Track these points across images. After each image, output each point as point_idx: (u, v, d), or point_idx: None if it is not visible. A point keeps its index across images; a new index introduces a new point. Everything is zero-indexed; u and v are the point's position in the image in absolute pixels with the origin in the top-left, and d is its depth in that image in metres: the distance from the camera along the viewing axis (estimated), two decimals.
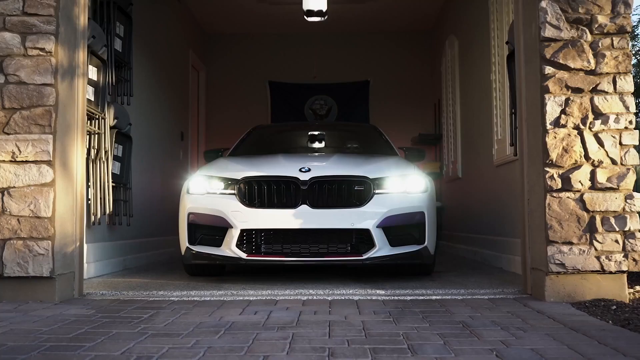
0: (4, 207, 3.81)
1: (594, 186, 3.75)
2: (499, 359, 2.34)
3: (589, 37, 3.82)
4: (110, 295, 4.12)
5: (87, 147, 5.00)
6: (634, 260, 3.72)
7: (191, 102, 9.30)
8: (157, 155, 7.06)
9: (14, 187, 3.82)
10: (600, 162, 3.76)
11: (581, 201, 3.75)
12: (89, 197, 5.08)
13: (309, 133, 6.56)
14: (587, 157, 3.77)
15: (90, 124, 4.94)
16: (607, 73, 3.80)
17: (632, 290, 3.98)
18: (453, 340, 2.67)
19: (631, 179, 3.76)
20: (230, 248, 4.53)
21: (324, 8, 7.62)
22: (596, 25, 3.81)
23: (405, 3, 8.69)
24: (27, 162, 3.83)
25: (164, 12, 7.52)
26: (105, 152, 5.09)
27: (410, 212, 4.63)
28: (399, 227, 4.61)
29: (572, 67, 3.80)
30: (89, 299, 3.98)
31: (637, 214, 3.77)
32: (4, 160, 3.83)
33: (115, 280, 4.96)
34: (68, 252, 3.96)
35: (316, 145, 6.37)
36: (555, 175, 3.77)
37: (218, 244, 4.58)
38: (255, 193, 4.55)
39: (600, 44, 3.81)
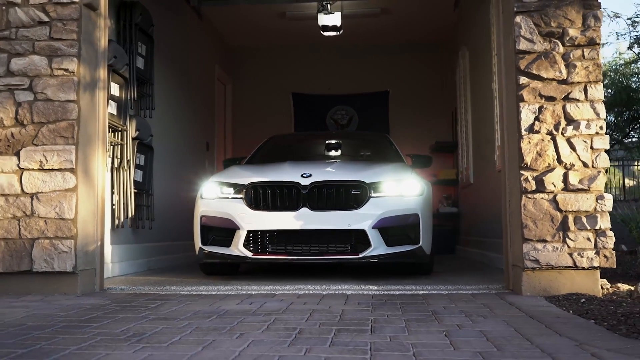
0: (33, 210, 4.30)
1: (567, 188, 4.02)
2: (446, 337, 2.66)
3: (561, 49, 4.11)
4: (128, 290, 4.56)
5: (111, 156, 5.50)
6: (605, 257, 3.97)
7: (218, 114, 9.80)
8: (181, 164, 7.52)
9: (42, 192, 4.31)
10: (572, 165, 4.03)
11: (554, 202, 4.02)
12: (114, 202, 5.57)
13: (326, 142, 6.95)
14: (559, 160, 4.05)
15: (114, 136, 5.42)
16: (578, 82, 4.07)
17: (609, 286, 4.21)
18: (414, 324, 3.00)
19: (601, 180, 4.02)
20: (237, 248, 4.92)
21: (339, 23, 8.04)
22: (567, 38, 4.10)
23: (418, 16, 9.01)
24: (52, 170, 4.31)
25: (189, 30, 8.02)
26: (128, 161, 5.57)
27: (404, 214, 4.93)
28: (395, 228, 4.93)
29: (545, 77, 4.09)
30: (108, 293, 4.43)
31: (608, 214, 4.02)
32: (33, 169, 4.32)
33: (136, 278, 5.41)
34: (89, 251, 4.42)
35: (329, 153, 6.74)
36: (530, 178, 4.06)
37: (227, 244, 4.98)
38: (260, 197, 4.93)
39: (571, 55, 4.09)
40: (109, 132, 5.36)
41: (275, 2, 7.63)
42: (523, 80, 4.12)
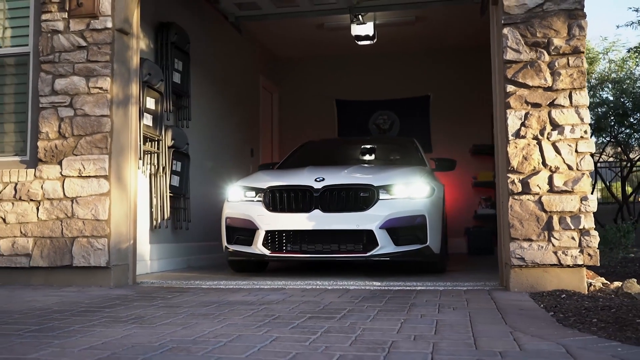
0: (73, 212, 4.90)
1: (552, 189, 4.24)
2: (399, 324, 2.98)
3: (547, 58, 4.32)
4: (157, 284, 5.08)
5: (149, 164, 6.07)
6: (589, 255, 4.16)
7: (265, 121, 10.33)
8: (221, 169, 8.05)
9: (80, 196, 4.90)
10: (557, 168, 4.24)
11: (540, 203, 4.24)
12: (152, 205, 6.14)
13: (355, 147, 7.32)
14: (544, 163, 4.26)
15: (150, 145, 5.99)
16: (563, 89, 4.28)
17: (600, 284, 4.38)
18: (382, 313, 3.33)
19: (585, 182, 4.20)
20: (257, 247, 5.35)
21: (371, 33, 8.37)
22: (553, 47, 4.31)
23: (454, 22, 9.20)
24: (89, 176, 4.90)
25: (230, 44, 8.56)
26: (164, 168, 6.13)
27: (411, 215, 5.21)
28: (402, 228, 5.21)
29: (531, 84, 4.32)
30: (138, 286, 4.97)
31: (592, 214, 4.20)
32: (73, 176, 4.93)
33: (172, 274, 5.95)
34: (122, 248, 4.98)
35: (362, 157, 7.08)
36: (516, 180, 4.29)
37: (249, 243, 5.41)
38: (277, 200, 5.35)
39: (556, 64, 4.30)
40: (146, 142, 5.94)
41: (305, 16, 8.03)
42: (510, 88, 4.37)
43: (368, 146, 7.32)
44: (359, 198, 5.24)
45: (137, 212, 5.27)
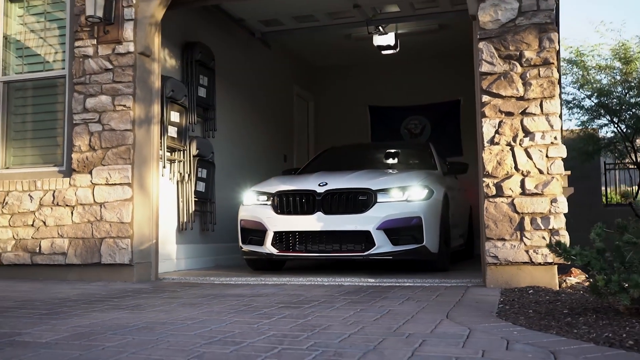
0: (101, 216, 5.54)
1: (524, 192, 4.54)
2: (354, 313, 3.40)
3: (519, 69, 4.63)
4: (176, 280, 5.65)
5: (176, 171, 6.68)
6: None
7: (300, 128, 10.85)
8: (249, 175, 8.59)
9: (108, 201, 5.53)
10: (529, 172, 4.54)
11: (513, 205, 4.55)
12: (180, 209, 6.74)
13: (379, 152, 7.67)
14: (517, 168, 4.57)
15: (176, 155, 6.60)
16: (534, 98, 4.57)
17: (574, 281, 4.64)
18: (350, 304, 3.75)
19: (555, 185, 4.48)
20: (266, 247, 5.80)
21: (392, 43, 8.73)
22: (524, 59, 4.61)
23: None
24: (115, 184, 5.53)
25: (258, 58, 9.12)
26: (189, 175, 6.72)
27: (407, 217, 5.53)
28: (399, 229, 5.54)
29: (504, 94, 4.64)
30: (159, 281, 5.56)
31: (562, 215, 4.47)
32: (101, 183, 5.57)
33: (195, 272, 6.52)
34: (144, 248, 5.58)
35: (375, 163, 7.46)
36: (491, 184, 4.62)
37: (260, 243, 5.87)
38: (284, 203, 5.79)
39: (528, 74, 4.60)
40: (173, 152, 6.55)
41: (326, 30, 8.47)
42: (485, 98, 4.70)
43: (385, 152, 7.67)
44: (358, 201, 5.60)
45: (160, 215, 5.86)
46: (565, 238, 4.42)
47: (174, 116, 6.47)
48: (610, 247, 3.13)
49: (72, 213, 5.63)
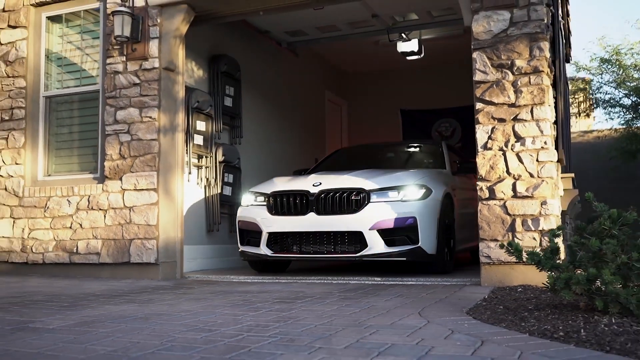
0: (130, 219, 6.03)
1: (515, 195, 4.75)
2: (337, 308, 3.72)
3: (511, 77, 4.84)
4: (199, 278, 6.08)
5: (203, 177, 7.13)
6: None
7: (333, 133, 11.20)
8: None
9: (136, 205, 6.02)
10: (520, 175, 4.74)
11: (505, 207, 4.77)
12: (207, 212, 7.20)
13: (381, 151, 7.65)
14: (508, 172, 4.78)
15: (203, 161, 7.05)
16: (525, 105, 4.78)
17: None
18: (341, 300, 4.06)
19: (544, 188, 4.67)
20: (261, 248, 5.78)
21: (416, 49, 8.98)
22: (515, 68, 4.82)
23: None
24: (142, 189, 6.01)
25: (287, 66, 9.51)
26: (215, 180, 7.17)
27: (401, 217, 5.40)
28: (393, 230, 5.41)
29: (497, 102, 4.86)
30: (182, 279, 6.00)
31: (554, 216, 4.65)
32: (130, 189, 6.06)
33: (220, 270, 6.95)
34: (169, 248, 6.04)
35: (383, 163, 7.22)
36: (484, 188, 4.84)
37: (257, 244, 5.83)
38: (279, 204, 5.74)
39: (519, 82, 4.80)
40: (200, 158, 7.01)
41: (350, 38, 8.77)
42: (479, 105, 4.93)
43: (393, 151, 7.64)
44: (351, 201, 5.51)
45: (188, 217, 6.33)
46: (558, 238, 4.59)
47: (200, 125, 6.92)
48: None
49: (104, 216, 6.14)
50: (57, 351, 2.43)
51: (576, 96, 14.34)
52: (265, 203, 5.87)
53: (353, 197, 5.53)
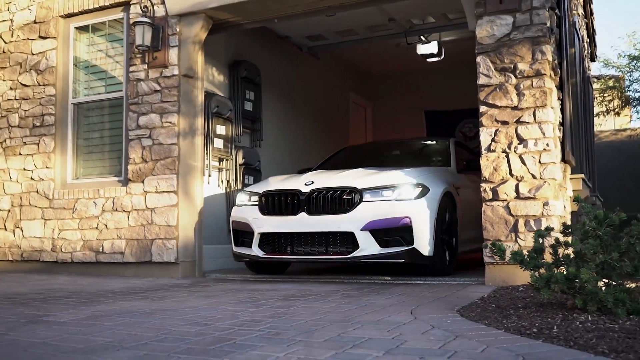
0: (152, 220, 6.30)
1: (518, 196, 4.83)
2: (335, 305, 3.88)
3: (514, 81, 4.92)
4: (218, 277, 6.30)
5: (225, 179, 7.38)
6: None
7: (357, 133, 11.35)
8: None
9: (157, 207, 6.29)
10: (522, 177, 4.83)
11: (508, 208, 4.86)
12: (228, 213, 7.43)
13: (387, 149, 7.51)
14: (511, 174, 4.87)
15: (223, 164, 7.29)
16: (527, 107, 4.85)
17: None
18: (342, 298, 4.22)
19: (546, 189, 4.74)
20: (253, 248, 5.63)
21: (435, 51, 9.06)
22: (518, 71, 4.90)
23: None
24: (163, 192, 6.28)
25: (309, 70, 9.70)
26: (235, 182, 7.40)
27: (395, 217, 5.17)
28: (387, 230, 5.21)
29: (500, 105, 4.95)
30: (201, 277, 6.24)
31: (556, 217, 4.72)
32: (152, 191, 6.33)
33: (240, 269, 7.16)
34: (189, 247, 6.29)
35: (388, 160, 7.08)
36: (488, 189, 4.94)
37: (249, 245, 5.69)
38: (270, 204, 5.59)
39: (522, 85, 4.89)
40: (221, 161, 7.26)
41: (369, 41, 8.91)
42: (483, 108, 5.03)
43: (400, 148, 7.51)
44: (342, 200, 5.33)
45: (209, 218, 6.57)
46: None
47: (220, 129, 7.16)
48: None
49: (128, 217, 6.43)
50: (60, 341, 2.67)
51: (605, 95, 14.16)
52: (257, 203, 5.74)
53: (345, 197, 5.35)
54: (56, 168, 7.01)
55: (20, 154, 7.18)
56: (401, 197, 5.27)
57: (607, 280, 3.22)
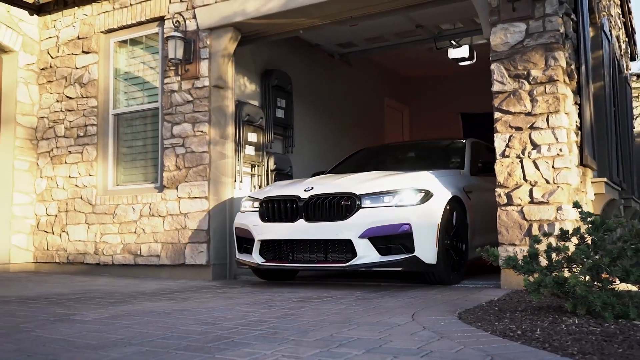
0: (185, 224, 6.62)
1: (532, 201, 4.90)
2: (344, 307, 4.06)
3: (527, 87, 5.00)
4: (248, 279, 6.57)
5: (254, 184, 7.65)
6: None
7: (394, 138, 11.47)
8: None
9: (190, 212, 6.61)
10: (536, 182, 4.90)
11: (522, 212, 4.93)
12: None
13: (403, 151, 7.50)
14: (525, 179, 4.94)
15: (255, 170, 7.57)
16: (541, 113, 4.92)
17: None
18: (351, 302, 4.40)
19: (560, 194, 4.80)
20: (254, 256, 5.52)
21: (467, 55, 9.12)
22: (531, 78, 4.97)
23: None
24: (195, 197, 6.59)
25: (342, 76, 9.89)
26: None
27: (394, 224, 4.98)
28: (386, 238, 5.03)
29: (514, 111, 5.03)
30: (230, 280, 6.51)
31: (569, 222, 4.77)
32: (185, 197, 6.65)
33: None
34: (220, 251, 6.58)
35: (402, 162, 7.03)
36: (502, 194, 5.03)
37: (251, 252, 5.58)
38: (269, 210, 5.47)
39: (535, 91, 4.96)
40: (252, 167, 7.53)
41: (398, 47, 9.03)
42: (497, 115, 5.12)
43: (416, 150, 7.39)
44: (341, 207, 5.17)
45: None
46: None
47: (251, 136, 7.43)
48: None
49: (163, 222, 6.77)
50: (77, 338, 2.95)
51: None
52: (257, 209, 5.64)
53: (343, 203, 5.18)
54: (98, 175, 7.43)
55: (65, 163, 7.64)
56: (402, 202, 5.09)
57: (600, 284, 3.29)
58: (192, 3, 6.80)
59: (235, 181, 6.93)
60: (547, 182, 4.87)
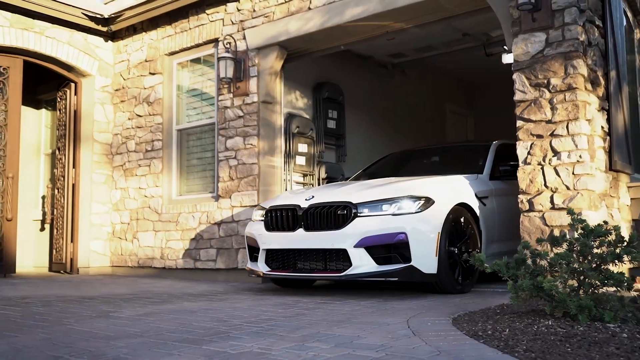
0: (237, 231, 7.11)
1: (553, 207, 4.99)
2: (350, 309, 4.36)
3: (547, 95, 5.09)
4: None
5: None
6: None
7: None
8: None
9: (241, 220, 7.09)
10: (557, 188, 4.98)
11: (543, 218, 5.03)
12: None
13: (427, 155, 7.37)
14: (546, 185, 5.03)
15: (307, 179, 7.97)
16: (561, 121, 5.00)
17: None
18: (363, 303, 4.69)
19: (579, 200, 4.86)
20: (259, 264, 5.60)
21: None
22: (551, 86, 5.06)
23: None
24: (246, 206, 7.07)
25: (400, 85, 10.11)
26: None
27: (389, 233, 4.90)
28: (383, 247, 4.97)
29: (535, 119, 5.13)
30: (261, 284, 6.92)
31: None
32: (237, 206, 7.16)
33: None
34: None
35: (426, 167, 6.97)
36: (525, 200, 5.14)
37: (257, 260, 5.67)
38: (273, 219, 5.52)
39: (555, 99, 5.04)
40: (303, 176, 7.94)
41: (447, 56, 9.14)
42: (519, 123, 5.24)
43: (440, 154, 7.34)
44: (338, 216, 5.15)
45: None
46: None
47: (302, 147, 7.85)
48: None
49: (218, 229, 7.30)
50: (102, 330, 3.44)
51: None
52: (263, 218, 5.71)
53: (339, 212, 5.15)
54: (164, 186, 8.09)
55: (136, 175, 8.37)
56: (399, 211, 4.99)
57: (583, 288, 3.42)
58: (242, 25, 7.31)
59: (286, 189, 7.36)
60: (567, 188, 4.94)
